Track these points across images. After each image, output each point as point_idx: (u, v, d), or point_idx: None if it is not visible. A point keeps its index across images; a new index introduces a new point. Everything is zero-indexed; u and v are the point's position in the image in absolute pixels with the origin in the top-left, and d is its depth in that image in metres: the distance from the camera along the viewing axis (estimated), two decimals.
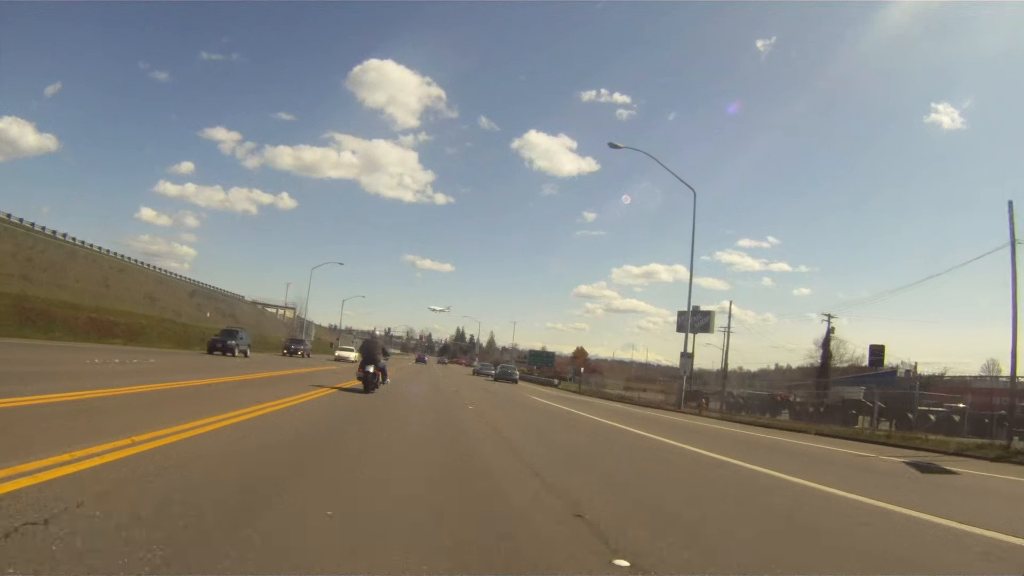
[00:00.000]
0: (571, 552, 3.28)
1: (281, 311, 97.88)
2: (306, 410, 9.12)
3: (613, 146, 28.11)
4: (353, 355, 42.86)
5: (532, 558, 3.11)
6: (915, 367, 44.49)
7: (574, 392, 42.92)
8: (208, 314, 60.40)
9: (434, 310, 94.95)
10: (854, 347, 46.07)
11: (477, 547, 3.21)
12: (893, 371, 40.53)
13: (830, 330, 43.20)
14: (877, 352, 40.99)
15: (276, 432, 6.50)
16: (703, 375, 52.49)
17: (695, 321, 31.57)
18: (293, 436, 6.38)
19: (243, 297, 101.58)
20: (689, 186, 28.59)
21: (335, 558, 2.76)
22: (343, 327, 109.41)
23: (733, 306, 54.09)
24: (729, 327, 42.25)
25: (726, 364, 45.57)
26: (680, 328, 34.31)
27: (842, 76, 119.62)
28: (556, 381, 59.02)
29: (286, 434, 6.45)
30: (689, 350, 29.47)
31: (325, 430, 7.30)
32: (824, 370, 42.23)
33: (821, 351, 43.60)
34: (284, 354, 42.72)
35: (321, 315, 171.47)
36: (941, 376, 40.73)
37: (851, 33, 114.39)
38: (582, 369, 57.37)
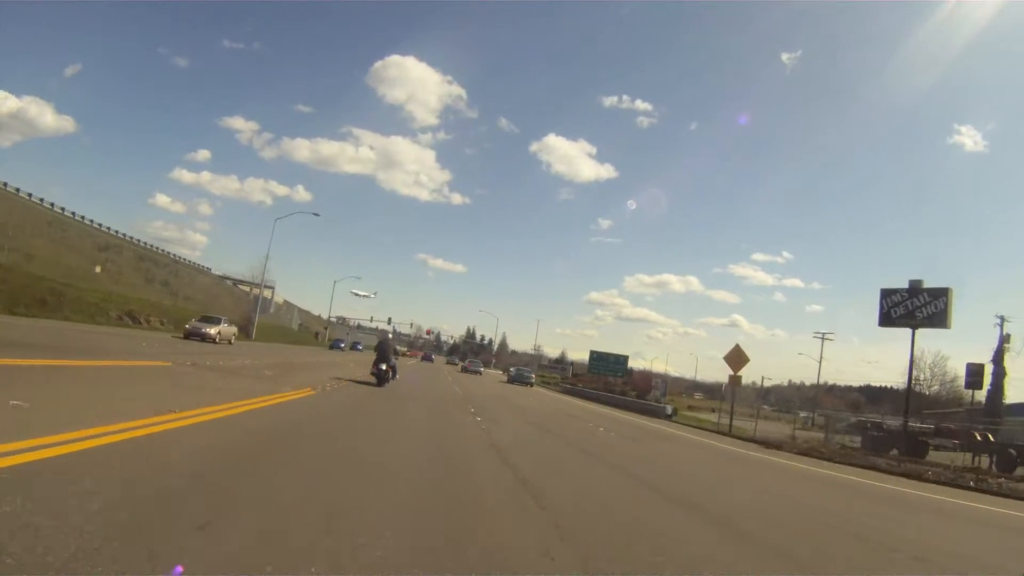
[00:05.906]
0: None
1: (254, 289, 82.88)
2: None
3: None
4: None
5: None
6: None
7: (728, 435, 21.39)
8: (98, 269, 46.96)
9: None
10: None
11: None
12: None
13: (1003, 339, 30.22)
14: (976, 373, 29.98)
15: None
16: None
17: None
18: None
19: (209, 269, 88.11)
20: None
21: None
22: (353, 322, 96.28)
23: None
24: (823, 336, 29.38)
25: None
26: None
27: (865, 94, 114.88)
28: (665, 407, 32.80)
29: None
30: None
31: None
32: (995, 400, 29.43)
33: (992, 367, 30.36)
34: (184, 338, 24.38)
35: (320, 304, 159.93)
36: None
37: (875, 52, 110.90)
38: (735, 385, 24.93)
